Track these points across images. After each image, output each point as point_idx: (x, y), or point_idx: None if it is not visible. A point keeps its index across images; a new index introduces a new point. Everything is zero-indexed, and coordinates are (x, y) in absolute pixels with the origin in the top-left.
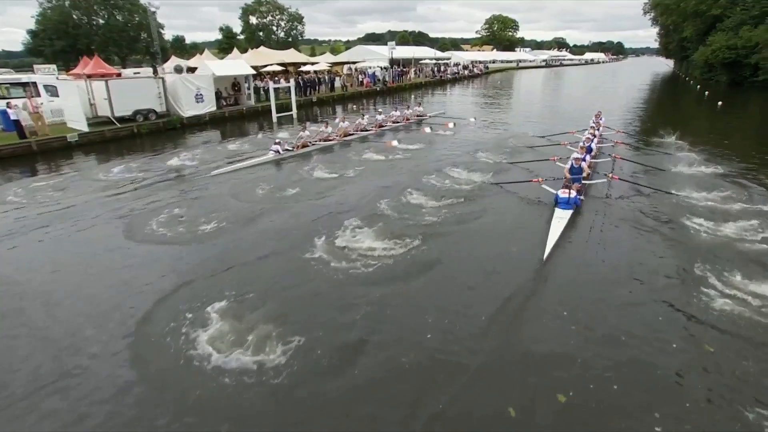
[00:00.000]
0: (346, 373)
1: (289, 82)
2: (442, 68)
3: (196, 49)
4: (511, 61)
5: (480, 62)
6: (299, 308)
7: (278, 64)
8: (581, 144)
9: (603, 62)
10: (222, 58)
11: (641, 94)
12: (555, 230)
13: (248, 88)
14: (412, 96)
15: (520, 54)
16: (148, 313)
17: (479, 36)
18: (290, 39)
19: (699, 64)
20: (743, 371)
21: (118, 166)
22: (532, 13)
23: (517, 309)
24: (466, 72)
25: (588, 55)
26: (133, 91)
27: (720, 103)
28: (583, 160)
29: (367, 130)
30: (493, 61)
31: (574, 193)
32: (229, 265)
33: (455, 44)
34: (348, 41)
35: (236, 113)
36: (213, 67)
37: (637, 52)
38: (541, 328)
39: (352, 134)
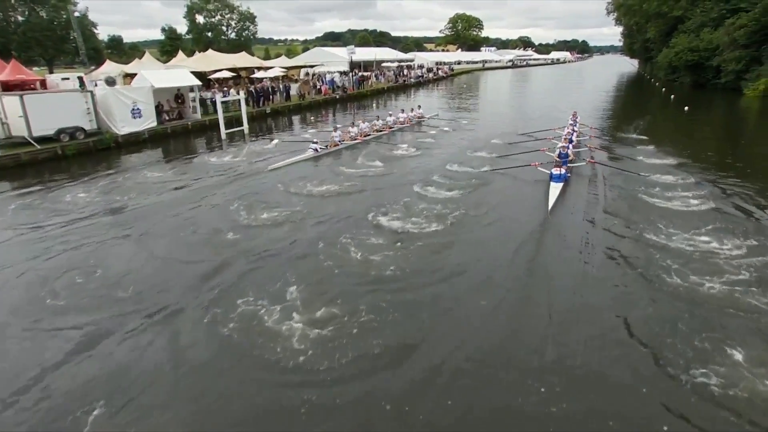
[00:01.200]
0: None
1: (239, 91)
2: (405, 71)
3: (136, 50)
4: (476, 62)
5: (444, 63)
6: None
7: (229, 69)
8: (564, 136)
9: (569, 62)
10: (165, 62)
11: (608, 97)
12: (552, 196)
13: (194, 100)
14: (374, 103)
15: (486, 54)
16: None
17: (443, 35)
18: (242, 40)
19: (663, 65)
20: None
21: (39, 194)
22: (495, 10)
23: (536, 239)
24: (431, 75)
25: (554, 55)
26: (55, 106)
27: (686, 108)
28: (568, 148)
29: (381, 131)
30: (458, 62)
31: (563, 171)
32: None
33: (418, 44)
34: (306, 41)
35: (180, 128)
36: (152, 78)
37: (602, 50)
38: (552, 249)
39: (370, 135)
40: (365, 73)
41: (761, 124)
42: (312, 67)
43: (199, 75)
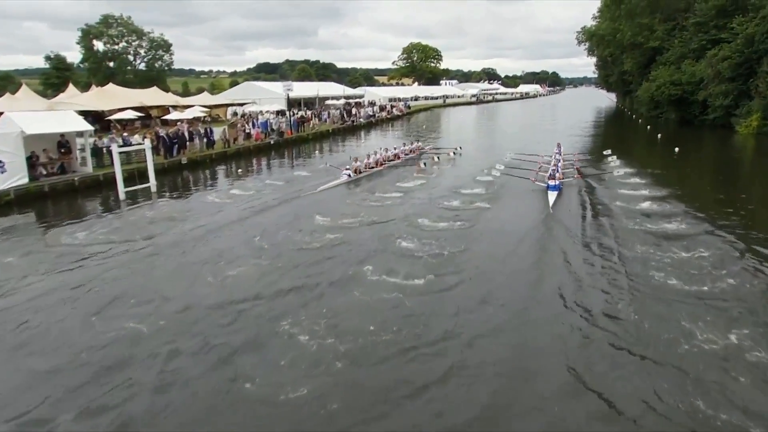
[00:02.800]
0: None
1: (145, 137)
2: (354, 110)
3: (8, 81)
4: (436, 97)
5: (399, 100)
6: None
7: (135, 108)
8: (554, 160)
9: (540, 95)
10: (51, 97)
11: (589, 138)
12: (551, 200)
13: (82, 149)
14: (317, 149)
15: (447, 88)
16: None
17: (397, 67)
18: (154, 72)
19: (644, 100)
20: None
21: None
22: (454, 39)
23: (542, 231)
24: (384, 113)
25: (522, 88)
26: None
27: (676, 149)
28: (557, 170)
29: (392, 160)
30: (416, 98)
31: (557, 182)
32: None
33: (369, 77)
34: (235, 73)
35: (63, 186)
36: (22, 121)
37: (575, 82)
38: (556, 237)
39: (384, 164)
40: (306, 113)
41: (760, 164)
42: (241, 105)
43: (96, 115)
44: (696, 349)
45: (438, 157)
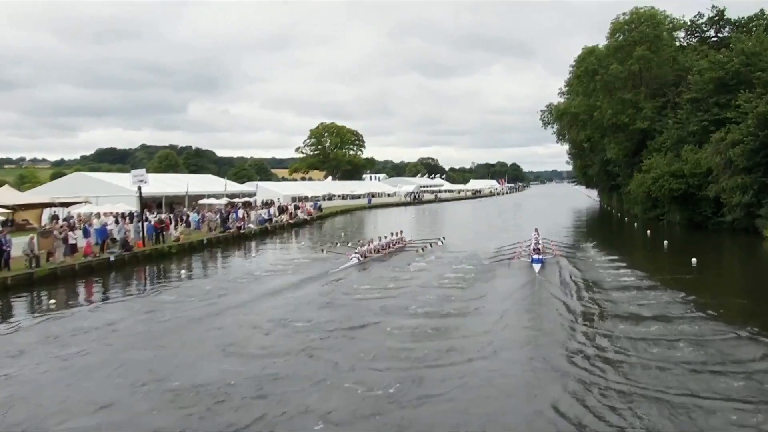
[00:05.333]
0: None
1: None
2: (241, 212)
3: None
4: (358, 196)
5: (307, 199)
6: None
7: None
8: (533, 241)
9: (497, 193)
10: None
11: (571, 248)
12: (536, 270)
13: None
14: (182, 270)
15: (372, 184)
16: None
17: (302, 156)
18: None
19: (639, 197)
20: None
21: None
22: (380, 120)
23: (531, 294)
24: (285, 217)
25: (474, 184)
26: None
27: (694, 260)
28: (539, 244)
29: (381, 251)
30: (329, 197)
31: (540, 257)
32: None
33: (263, 170)
34: (62, 161)
35: None
36: None
37: (542, 177)
38: (546, 297)
39: (380, 252)
40: (167, 216)
41: None
42: (67, 205)
43: None
44: None
45: (423, 249)
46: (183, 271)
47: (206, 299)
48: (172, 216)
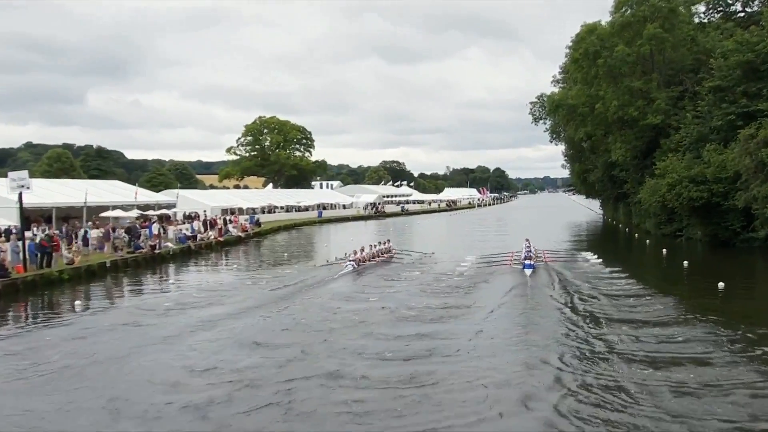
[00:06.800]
0: None
1: None
2: (156, 228)
3: None
4: (307, 208)
5: (243, 211)
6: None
7: None
8: (524, 250)
9: (477, 205)
10: None
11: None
12: (527, 274)
13: None
14: (76, 301)
15: (324, 194)
16: None
17: (236, 158)
18: None
19: (652, 209)
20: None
21: None
22: (332, 116)
23: (521, 296)
24: (213, 234)
25: (449, 194)
26: None
27: (721, 285)
28: (530, 251)
29: (375, 258)
30: (270, 209)
31: (531, 262)
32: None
33: (185, 175)
34: None
35: None
36: None
37: (532, 185)
38: (536, 299)
39: (375, 259)
40: (57, 232)
41: None
42: None
43: None
44: None
45: (419, 261)
46: (78, 303)
47: (104, 339)
48: (64, 232)
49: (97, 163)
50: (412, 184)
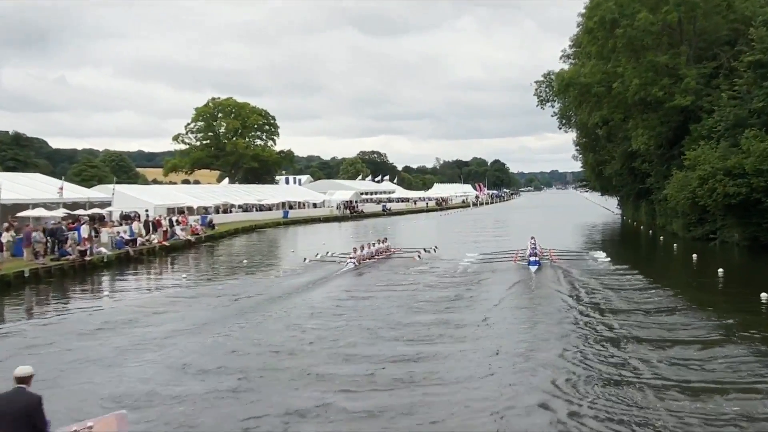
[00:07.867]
0: None
1: None
2: (87, 232)
3: None
4: (270, 207)
5: (193, 211)
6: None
7: None
8: (530, 247)
9: (473, 204)
10: None
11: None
12: (533, 272)
13: None
14: None
15: (291, 190)
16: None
17: (184, 148)
18: None
19: (680, 207)
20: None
21: None
22: (300, 96)
23: (527, 290)
24: (157, 238)
25: (439, 190)
26: None
27: (764, 295)
28: (536, 249)
29: (375, 257)
30: (225, 209)
31: (537, 259)
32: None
33: (123, 168)
34: None
35: None
36: None
37: (537, 180)
38: (538, 293)
39: (375, 257)
40: None
41: None
42: None
43: None
44: None
45: (419, 257)
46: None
47: (12, 366)
48: None
49: (14, 152)
50: (395, 179)
